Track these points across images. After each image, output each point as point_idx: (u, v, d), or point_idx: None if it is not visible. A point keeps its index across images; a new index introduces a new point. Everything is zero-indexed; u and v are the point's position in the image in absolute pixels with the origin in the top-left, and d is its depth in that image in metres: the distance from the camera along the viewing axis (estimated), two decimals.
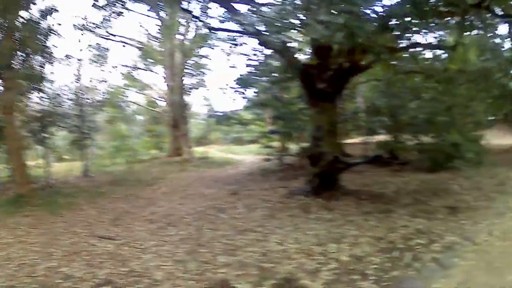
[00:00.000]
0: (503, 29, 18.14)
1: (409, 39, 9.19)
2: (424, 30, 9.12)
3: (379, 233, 5.81)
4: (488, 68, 16.11)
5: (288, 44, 9.30)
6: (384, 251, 5.06)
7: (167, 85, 22.13)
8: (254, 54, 10.81)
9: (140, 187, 12.53)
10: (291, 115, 11.92)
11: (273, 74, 11.92)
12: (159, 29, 21.67)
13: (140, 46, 23.08)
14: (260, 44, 9.27)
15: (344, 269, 4.54)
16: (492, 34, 18.21)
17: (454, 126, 9.55)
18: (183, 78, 22.06)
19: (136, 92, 26.27)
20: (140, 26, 26.05)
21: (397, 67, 10.53)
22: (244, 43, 10.10)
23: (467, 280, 4.18)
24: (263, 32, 7.65)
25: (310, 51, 10.01)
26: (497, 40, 18.96)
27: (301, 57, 10.93)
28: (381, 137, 13.04)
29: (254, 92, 14.11)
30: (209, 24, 12.05)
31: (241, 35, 9.82)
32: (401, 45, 9.36)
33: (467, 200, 7.86)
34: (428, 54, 13.49)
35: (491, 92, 16.84)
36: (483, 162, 11.19)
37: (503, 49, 18.67)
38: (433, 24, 8.80)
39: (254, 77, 11.94)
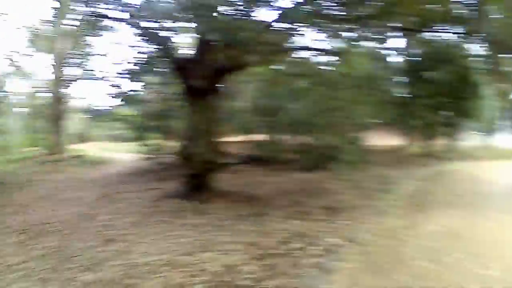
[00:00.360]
0: (393, 41, 19.90)
1: (293, 42, 9.16)
2: (312, 34, 9.21)
3: (254, 238, 5.44)
4: (374, 75, 17.25)
5: (170, 37, 8.65)
6: (259, 258, 4.66)
7: (51, 74, 19.88)
8: (138, 46, 10.19)
9: (10, 191, 10.84)
10: (169, 112, 11.23)
11: (154, 69, 11.15)
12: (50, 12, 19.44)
13: (30, 30, 20.52)
14: (139, 34, 8.50)
15: (216, 282, 4.02)
16: (382, 45, 19.84)
17: (333, 128, 9.64)
18: (66, 68, 19.99)
19: (18, 81, 23.35)
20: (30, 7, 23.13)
21: (284, 68, 10.38)
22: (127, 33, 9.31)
23: (352, 284, 3.97)
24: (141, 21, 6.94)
25: (192, 45, 9.43)
26: (386, 51, 20.70)
27: (184, 51, 10.24)
28: (262, 137, 12.97)
29: (135, 86, 13.20)
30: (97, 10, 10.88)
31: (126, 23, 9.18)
32: (288, 47, 9.27)
33: (347, 200, 7.94)
34: (318, 58, 13.95)
35: (376, 97, 18.04)
36: (364, 162, 11.69)
37: (390, 59, 20.41)
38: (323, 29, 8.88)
39: (136, 70, 11.08)
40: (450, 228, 6.12)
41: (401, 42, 18.70)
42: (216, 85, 8.59)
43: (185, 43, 10.63)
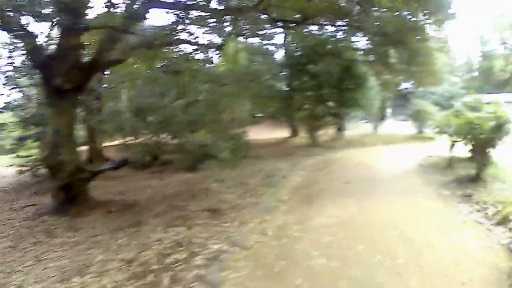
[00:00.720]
0: (277, 36, 20.34)
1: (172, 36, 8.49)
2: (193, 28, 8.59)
3: (131, 254, 4.86)
4: (258, 70, 17.47)
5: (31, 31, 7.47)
6: (137, 276, 4.17)
7: None
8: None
9: None
10: (40, 117, 9.95)
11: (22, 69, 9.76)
12: None
13: None
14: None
15: None
16: (266, 39, 20.21)
17: (212, 125, 9.38)
18: None
19: None
20: None
21: (162, 65, 9.76)
22: None
23: None
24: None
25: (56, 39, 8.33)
26: (270, 46, 21.13)
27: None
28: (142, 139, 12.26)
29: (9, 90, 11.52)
30: None
31: None
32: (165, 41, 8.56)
33: (230, 199, 7.60)
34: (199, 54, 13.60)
35: (258, 92, 18.36)
36: (246, 157, 11.66)
37: (274, 53, 20.87)
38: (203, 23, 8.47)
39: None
40: (343, 218, 6.09)
41: (285, 36, 19.42)
42: (82, 84, 7.67)
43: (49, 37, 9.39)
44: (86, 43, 7.78)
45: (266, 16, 11.84)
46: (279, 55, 20.25)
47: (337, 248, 4.78)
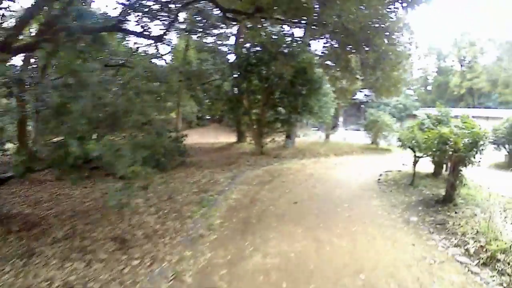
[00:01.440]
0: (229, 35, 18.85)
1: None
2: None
3: None
4: (206, 70, 15.79)
5: None
6: None
7: None
8: None
9: None
10: None
11: None
12: None
13: None
14: None
15: None
16: (221, 40, 18.71)
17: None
18: None
19: None
20: None
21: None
22: None
23: None
24: None
25: None
26: (221, 46, 19.55)
27: None
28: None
29: None
30: None
31: None
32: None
33: (148, 223, 5.79)
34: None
35: (206, 93, 16.74)
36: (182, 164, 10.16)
37: (225, 53, 19.24)
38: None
39: None
40: (288, 258, 4.61)
41: (237, 33, 17.92)
42: None
43: None
44: None
45: (216, 8, 10.73)
46: (230, 54, 18.65)
47: None
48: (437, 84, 41.99)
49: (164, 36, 10.52)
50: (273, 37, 13.29)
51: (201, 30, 14.93)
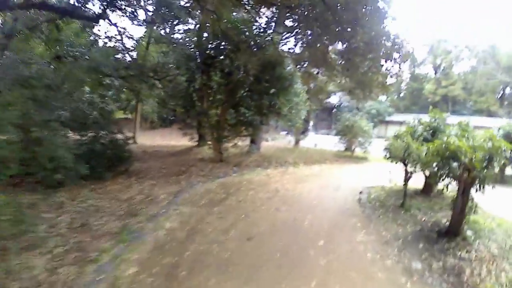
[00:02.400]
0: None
1: None
2: None
3: None
4: (162, 64, 13.60)
5: None
6: None
7: None
8: None
9: None
10: None
11: None
12: None
13: None
14: None
15: None
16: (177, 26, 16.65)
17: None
18: None
19: None
20: None
21: None
22: None
23: None
24: None
25: None
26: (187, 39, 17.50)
27: None
28: None
29: None
30: None
31: None
32: None
33: (34, 267, 3.79)
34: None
35: (164, 90, 14.62)
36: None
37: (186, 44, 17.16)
38: None
39: None
40: None
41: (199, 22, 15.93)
42: None
43: None
44: None
45: None
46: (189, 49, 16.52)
47: None
48: (411, 90, 41.34)
49: (104, 16, 8.72)
50: (238, 24, 11.18)
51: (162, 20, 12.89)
